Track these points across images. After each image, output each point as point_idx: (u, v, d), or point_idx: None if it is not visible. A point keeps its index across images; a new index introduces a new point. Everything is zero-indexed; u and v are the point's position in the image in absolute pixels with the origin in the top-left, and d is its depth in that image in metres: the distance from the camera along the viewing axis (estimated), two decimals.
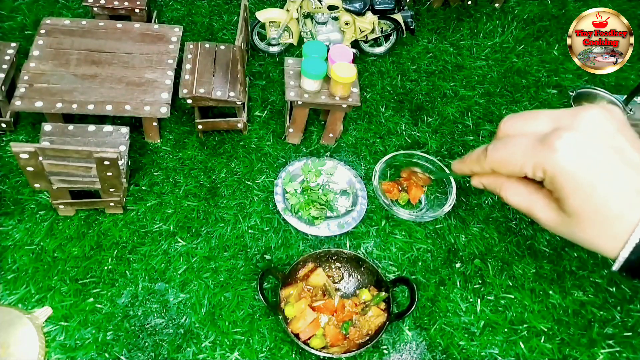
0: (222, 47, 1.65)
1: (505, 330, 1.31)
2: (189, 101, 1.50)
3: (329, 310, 1.25)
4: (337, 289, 1.32)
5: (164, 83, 1.50)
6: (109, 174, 1.23)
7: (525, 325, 1.32)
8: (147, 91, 1.48)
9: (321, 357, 1.15)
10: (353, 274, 1.35)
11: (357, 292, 1.31)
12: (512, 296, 1.37)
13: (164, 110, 1.44)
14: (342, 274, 1.36)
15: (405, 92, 1.83)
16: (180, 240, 1.38)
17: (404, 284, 1.26)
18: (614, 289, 1.41)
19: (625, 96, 1.72)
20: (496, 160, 0.46)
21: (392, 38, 1.89)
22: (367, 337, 1.21)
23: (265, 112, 1.70)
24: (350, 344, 1.20)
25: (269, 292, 1.31)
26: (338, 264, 1.35)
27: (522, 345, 1.29)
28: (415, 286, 1.23)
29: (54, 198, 1.31)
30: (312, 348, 1.16)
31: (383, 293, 1.27)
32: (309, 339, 1.20)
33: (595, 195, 0.39)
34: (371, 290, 1.30)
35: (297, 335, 1.19)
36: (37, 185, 1.24)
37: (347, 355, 1.15)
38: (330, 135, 1.61)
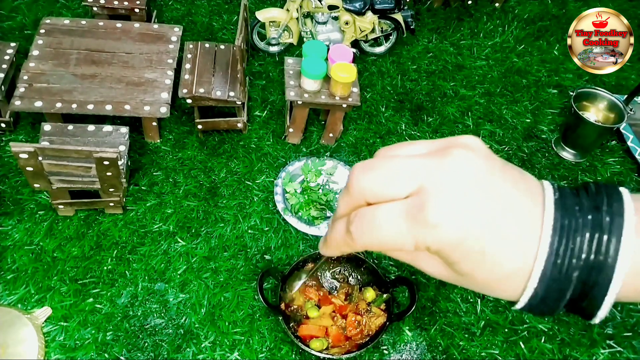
0: (222, 46, 1.65)
1: (506, 330, 1.31)
2: (189, 101, 1.50)
3: (341, 309, 1.25)
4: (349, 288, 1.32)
5: (163, 83, 1.50)
6: (109, 174, 1.23)
7: (525, 326, 1.32)
8: (147, 91, 1.47)
9: (321, 357, 1.15)
10: (353, 274, 1.35)
11: (362, 290, 1.31)
12: None
13: (164, 110, 1.44)
14: (343, 274, 1.36)
15: (405, 92, 1.83)
16: (180, 240, 1.37)
17: (404, 284, 1.26)
18: None
19: (625, 96, 1.71)
20: (369, 243, 0.36)
21: (392, 38, 1.89)
22: (368, 338, 1.21)
23: (265, 112, 1.70)
24: (352, 345, 1.20)
25: (269, 293, 1.31)
26: (338, 264, 1.35)
27: (523, 346, 1.29)
28: (415, 286, 1.23)
29: (53, 198, 1.31)
30: (313, 350, 1.16)
31: (385, 295, 1.27)
32: (310, 339, 1.20)
33: (486, 259, 0.34)
34: (375, 290, 1.30)
35: (298, 337, 1.19)
36: (36, 185, 1.24)
37: (347, 356, 1.15)
38: (330, 135, 1.61)
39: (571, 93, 1.70)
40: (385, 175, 0.34)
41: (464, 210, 0.33)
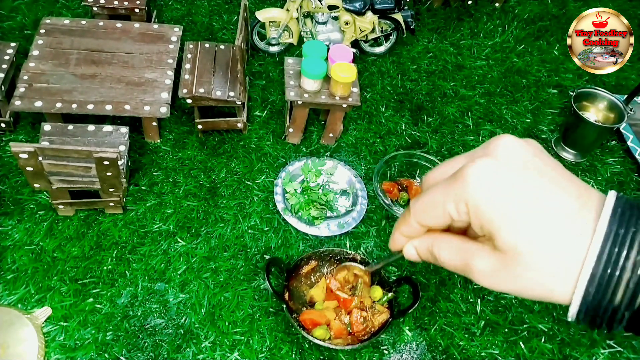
0: (222, 46, 1.65)
1: (506, 330, 1.31)
2: (189, 101, 1.50)
3: (347, 304, 1.25)
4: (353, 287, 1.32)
5: (163, 83, 1.50)
6: (109, 174, 1.23)
7: (525, 326, 1.32)
8: (147, 91, 1.47)
9: (321, 347, 1.15)
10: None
11: (371, 288, 1.31)
12: (513, 296, 1.37)
13: (164, 110, 1.44)
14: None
15: (405, 92, 1.83)
16: (180, 241, 1.37)
17: (407, 282, 1.27)
18: None
19: (625, 96, 1.71)
20: (419, 209, 0.41)
21: (392, 38, 1.89)
22: (370, 334, 1.21)
23: (265, 112, 1.70)
24: (353, 339, 1.21)
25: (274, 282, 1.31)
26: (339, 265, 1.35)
27: (523, 346, 1.29)
28: (417, 284, 1.23)
29: (53, 198, 1.31)
30: (316, 338, 1.16)
31: (390, 294, 1.27)
32: (312, 326, 1.21)
33: (527, 221, 0.34)
34: (384, 292, 1.30)
35: (303, 326, 1.19)
36: (36, 185, 1.24)
37: (343, 347, 1.16)
38: (330, 135, 1.61)
39: (571, 93, 1.70)
40: (427, 206, 0.40)
41: (502, 171, 0.36)
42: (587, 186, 0.36)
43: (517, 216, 0.34)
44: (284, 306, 1.20)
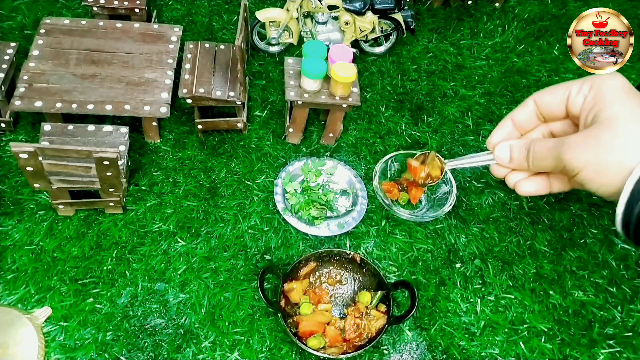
0: (222, 46, 1.65)
1: (506, 330, 1.31)
2: (189, 101, 1.50)
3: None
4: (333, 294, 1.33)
5: (163, 83, 1.50)
6: (109, 174, 1.23)
7: (525, 326, 1.32)
8: (147, 91, 1.47)
9: (321, 357, 1.15)
10: (354, 275, 1.35)
11: (358, 294, 1.31)
12: (513, 296, 1.37)
13: (164, 110, 1.44)
14: (344, 275, 1.35)
15: (405, 92, 1.83)
16: (180, 240, 1.37)
17: (405, 287, 1.26)
18: (615, 289, 1.40)
19: None
20: (542, 90, 0.50)
21: (392, 38, 1.89)
22: (367, 340, 1.21)
23: (265, 112, 1.70)
24: (349, 346, 1.20)
25: (269, 292, 1.31)
26: (339, 265, 1.35)
27: (523, 346, 1.29)
28: (416, 290, 1.22)
29: (53, 198, 1.31)
30: (310, 348, 1.16)
31: (379, 292, 1.27)
32: (309, 335, 1.20)
33: (633, 108, 0.42)
34: (370, 292, 1.30)
35: (296, 334, 1.19)
36: (36, 185, 1.24)
37: (346, 356, 1.15)
38: (330, 135, 1.61)
39: None
40: (551, 88, 0.51)
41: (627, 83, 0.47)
42: None
43: (629, 102, 0.44)
44: (279, 314, 1.20)
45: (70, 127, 1.37)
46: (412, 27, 1.84)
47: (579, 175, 0.45)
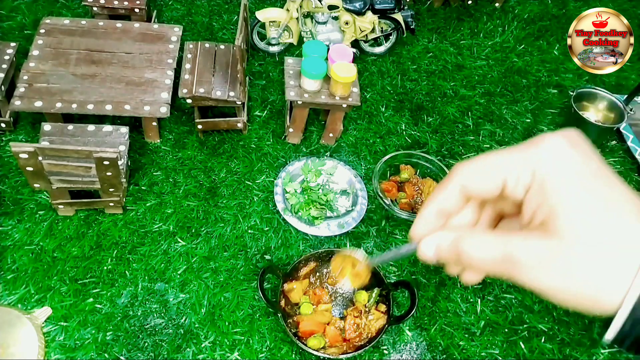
0: (222, 46, 1.65)
1: (506, 330, 1.31)
2: (189, 101, 1.50)
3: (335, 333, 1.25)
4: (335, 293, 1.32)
5: (163, 83, 1.50)
6: (109, 173, 1.23)
7: (525, 326, 1.32)
8: (147, 91, 1.47)
9: (321, 357, 1.15)
10: None
11: (355, 294, 1.31)
12: (513, 296, 1.37)
13: (164, 110, 1.44)
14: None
15: (405, 92, 1.83)
16: (180, 240, 1.37)
17: (405, 287, 1.26)
18: None
19: (625, 96, 1.71)
20: (469, 170, 0.36)
21: (392, 38, 1.89)
22: (367, 340, 1.21)
23: (265, 112, 1.70)
24: (349, 346, 1.20)
25: (269, 292, 1.31)
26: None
27: (523, 346, 1.29)
28: (415, 290, 1.22)
29: (53, 198, 1.31)
30: (310, 348, 1.16)
31: (376, 290, 1.27)
32: (309, 335, 1.20)
33: (597, 209, 0.30)
34: (369, 292, 1.30)
35: (296, 334, 1.19)
36: (36, 185, 1.24)
37: (345, 356, 1.15)
38: (330, 135, 1.60)
39: (571, 93, 1.70)
40: (482, 168, 0.36)
41: (576, 150, 0.32)
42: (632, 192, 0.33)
43: (589, 197, 0.31)
44: (279, 314, 1.20)
45: (70, 127, 1.37)
46: (412, 27, 1.84)
47: (543, 296, 0.34)
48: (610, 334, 0.31)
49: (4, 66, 1.47)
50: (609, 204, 0.31)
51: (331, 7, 1.76)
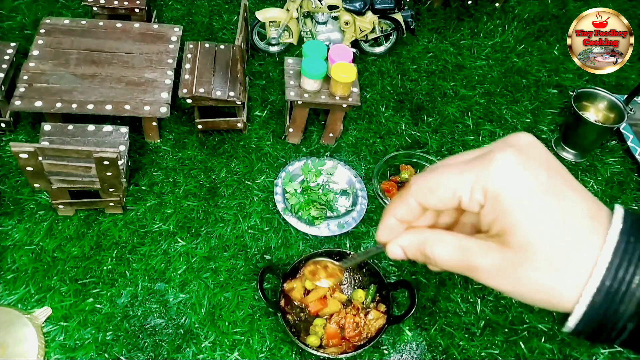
0: (222, 46, 1.65)
1: (506, 330, 1.31)
2: (189, 101, 1.50)
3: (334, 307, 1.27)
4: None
5: (163, 83, 1.50)
6: (109, 173, 1.23)
7: (525, 326, 1.32)
8: (147, 91, 1.47)
9: (321, 357, 1.15)
10: (354, 275, 1.35)
11: (352, 293, 1.31)
12: None
13: (164, 110, 1.44)
14: (344, 274, 1.35)
15: (405, 92, 1.83)
16: (180, 240, 1.37)
17: (405, 287, 1.26)
18: None
19: (625, 96, 1.71)
20: (424, 186, 0.37)
21: (392, 38, 1.89)
22: (366, 339, 1.21)
23: (265, 112, 1.70)
24: (348, 345, 1.20)
25: (269, 292, 1.31)
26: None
27: (523, 346, 1.29)
28: (415, 290, 1.22)
29: (53, 198, 1.31)
30: (309, 346, 1.16)
31: (372, 286, 1.27)
32: (317, 312, 1.24)
33: (549, 221, 0.32)
34: (365, 290, 1.30)
35: (295, 332, 1.19)
36: (36, 185, 1.24)
37: (345, 355, 1.15)
38: (330, 135, 1.60)
39: (571, 93, 1.70)
40: (436, 184, 0.37)
41: (528, 162, 0.34)
42: (594, 197, 0.35)
43: (539, 213, 0.33)
44: (279, 314, 1.20)
45: (70, 127, 1.37)
46: (412, 27, 1.84)
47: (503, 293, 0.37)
48: (568, 327, 0.35)
49: (4, 66, 1.47)
50: (560, 217, 0.33)
51: (331, 7, 1.76)
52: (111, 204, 1.36)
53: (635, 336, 0.33)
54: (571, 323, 0.34)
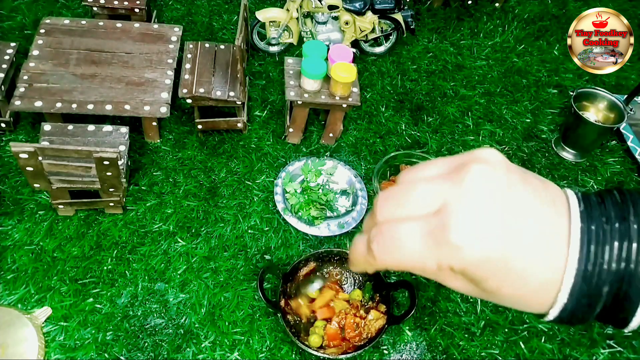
0: (222, 46, 1.65)
1: (506, 330, 1.31)
2: (189, 101, 1.50)
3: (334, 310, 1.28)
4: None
5: (163, 83, 1.50)
6: (109, 173, 1.23)
7: (525, 326, 1.32)
8: (147, 91, 1.47)
9: (321, 357, 1.15)
10: (355, 275, 1.35)
11: (349, 293, 1.31)
12: None
13: (164, 110, 1.44)
14: (344, 275, 1.35)
15: (405, 92, 1.83)
16: (180, 240, 1.37)
17: (405, 287, 1.26)
18: None
19: (625, 96, 1.71)
20: (390, 263, 0.36)
21: (392, 38, 1.89)
22: (367, 340, 1.21)
23: (265, 111, 1.70)
24: (348, 346, 1.20)
25: (269, 292, 1.31)
26: (339, 265, 1.35)
27: (523, 346, 1.29)
28: (415, 290, 1.22)
29: (53, 198, 1.31)
30: (310, 347, 1.16)
31: (367, 284, 1.27)
32: (329, 318, 1.24)
33: (512, 275, 0.33)
34: (362, 289, 1.31)
35: (295, 332, 1.19)
36: (36, 185, 1.24)
37: (346, 356, 1.15)
38: (330, 135, 1.61)
39: (571, 93, 1.70)
40: (406, 203, 0.34)
41: (486, 228, 0.32)
42: (549, 184, 0.35)
43: (501, 272, 0.33)
44: (279, 314, 1.20)
45: (70, 127, 1.37)
46: (412, 27, 1.84)
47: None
48: (548, 318, 0.35)
49: (4, 66, 1.47)
50: (524, 259, 0.33)
51: (331, 7, 1.76)
52: (111, 204, 1.36)
53: (607, 313, 0.34)
54: (547, 319, 0.35)
